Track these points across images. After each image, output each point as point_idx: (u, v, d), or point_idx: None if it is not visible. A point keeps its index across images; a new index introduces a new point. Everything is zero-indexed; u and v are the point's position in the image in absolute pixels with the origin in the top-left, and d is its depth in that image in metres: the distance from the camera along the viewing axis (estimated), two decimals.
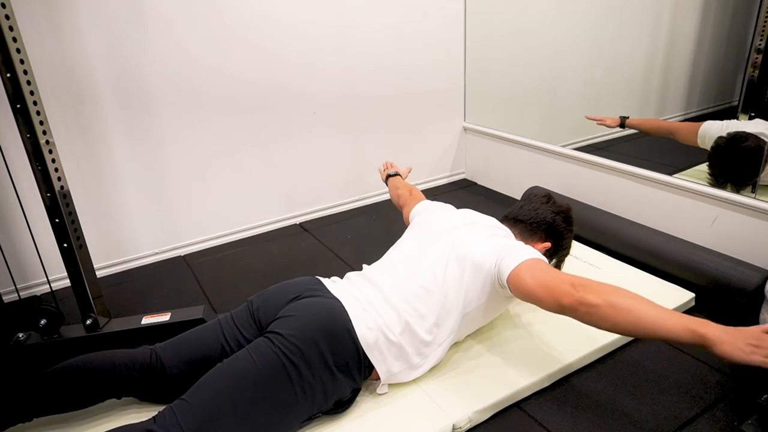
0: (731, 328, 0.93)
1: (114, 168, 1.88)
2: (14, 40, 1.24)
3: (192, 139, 1.99)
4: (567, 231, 1.45)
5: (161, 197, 2.00)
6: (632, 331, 1.01)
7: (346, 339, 1.13)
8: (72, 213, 1.42)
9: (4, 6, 1.21)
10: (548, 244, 1.40)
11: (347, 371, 1.13)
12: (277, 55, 2.06)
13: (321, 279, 1.29)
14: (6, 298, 1.73)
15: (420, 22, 2.36)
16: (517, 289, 1.14)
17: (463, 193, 2.64)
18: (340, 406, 1.16)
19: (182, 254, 2.10)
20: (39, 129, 1.31)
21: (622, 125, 2.19)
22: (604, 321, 1.02)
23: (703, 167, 1.93)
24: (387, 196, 2.32)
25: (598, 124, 2.24)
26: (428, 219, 1.45)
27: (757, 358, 0.88)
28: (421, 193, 1.74)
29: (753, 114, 1.99)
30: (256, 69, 2.03)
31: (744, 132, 1.81)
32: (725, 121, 1.93)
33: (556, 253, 1.46)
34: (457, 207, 1.53)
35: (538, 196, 1.48)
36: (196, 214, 2.10)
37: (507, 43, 2.59)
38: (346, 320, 1.15)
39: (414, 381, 1.25)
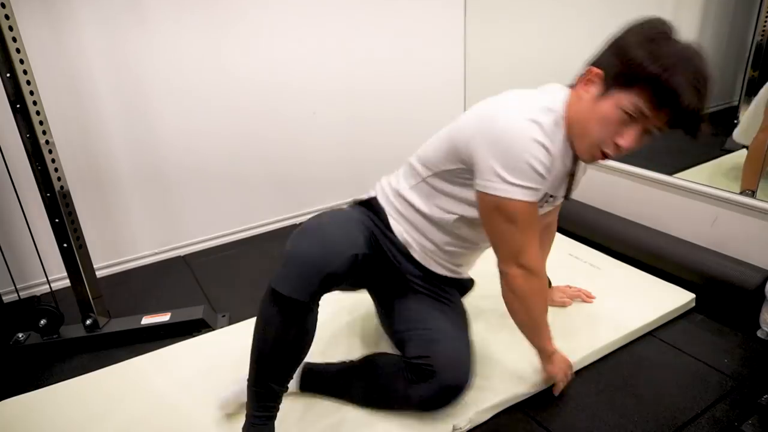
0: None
1: (115, 168, 1.88)
2: (14, 40, 1.24)
3: (192, 139, 1.99)
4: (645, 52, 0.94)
5: (161, 197, 2.00)
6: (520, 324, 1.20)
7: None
8: (72, 213, 1.42)
9: (3, 6, 1.21)
10: (599, 71, 0.98)
11: None
12: (276, 58, 2.06)
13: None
14: (6, 298, 1.73)
15: (420, 20, 2.35)
16: (479, 209, 1.07)
17: None
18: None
19: (182, 254, 2.09)
20: (39, 129, 1.31)
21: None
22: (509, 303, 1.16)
23: (703, 167, 1.93)
24: None
25: None
26: None
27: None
28: None
29: None
30: (254, 69, 2.03)
31: None
32: None
33: (622, 80, 0.96)
34: None
35: None
36: (196, 214, 2.10)
37: (507, 42, 2.59)
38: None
39: None
